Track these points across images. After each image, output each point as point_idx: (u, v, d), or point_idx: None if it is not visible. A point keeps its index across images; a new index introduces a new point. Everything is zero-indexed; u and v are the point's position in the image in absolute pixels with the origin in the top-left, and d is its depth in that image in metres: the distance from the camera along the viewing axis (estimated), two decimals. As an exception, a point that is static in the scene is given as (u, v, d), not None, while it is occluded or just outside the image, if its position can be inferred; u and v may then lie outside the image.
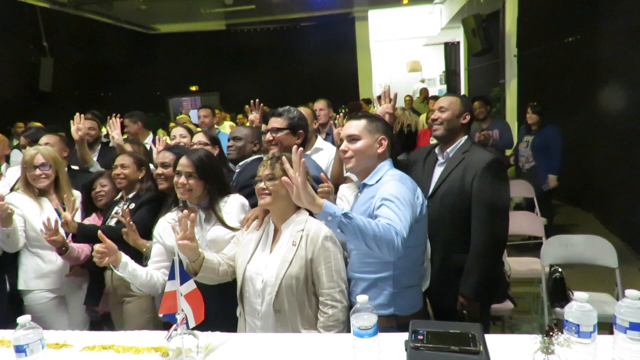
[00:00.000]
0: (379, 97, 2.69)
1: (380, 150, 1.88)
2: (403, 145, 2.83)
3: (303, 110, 2.76)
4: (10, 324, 1.82)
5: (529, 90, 6.95)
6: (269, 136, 2.33)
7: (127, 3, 8.74)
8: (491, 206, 2.02)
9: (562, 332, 1.20)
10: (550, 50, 6.34)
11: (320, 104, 4.06)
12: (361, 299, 1.26)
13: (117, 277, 2.41)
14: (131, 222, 2.20)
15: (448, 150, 2.21)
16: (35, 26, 7.96)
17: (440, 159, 2.25)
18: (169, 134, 6.19)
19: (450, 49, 13.55)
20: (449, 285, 2.11)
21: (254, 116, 3.04)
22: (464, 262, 2.09)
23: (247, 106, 3.17)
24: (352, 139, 1.87)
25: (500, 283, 2.35)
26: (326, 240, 1.79)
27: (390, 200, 1.66)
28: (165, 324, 2.47)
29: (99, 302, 2.65)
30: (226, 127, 6.78)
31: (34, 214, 2.52)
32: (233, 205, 2.13)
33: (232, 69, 10.84)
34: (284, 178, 1.50)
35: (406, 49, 14.18)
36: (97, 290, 2.62)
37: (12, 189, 2.78)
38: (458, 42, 12.84)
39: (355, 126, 1.88)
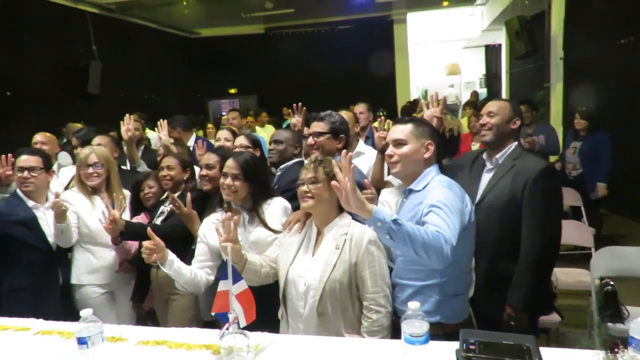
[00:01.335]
0: (416, 100, 2.66)
1: (426, 155, 1.86)
2: (445, 149, 2.79)
3: (344, 114, 2.76)
4: (63, 316, 1.91)
5: (576, 94, 6.70)
6: (310, 140, 2.35)
7: (171, 8, 9.00)
8: (543, 216, 1.96)
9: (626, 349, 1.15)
10: (601, 52, 6.09)
11: (360, 107, 4.06)
12: (413, 305, 1.25)
13: (163, 275, 2.49)
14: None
15: (497, 156, 2.15)
16: (85, 31, 8.32)
17: (489, 165, 2.20)
18: (206, 135, 6.36)
19: (491, 52, 13.22)
20: (495, 295, 2.05)
21: (296, 119, 3.07)
22: (511, 272, 2.03)
23: (284, 109, 3.21)
24: (398, 143, 1.86)
25: (547, 294, 2.28)
26: (370, 244, 1.78)
27: (439, 207, 1.64)
28: (207, 322, 2.54)
29: (145, 298, 2.74)
30: (268, 130, 6.89)
31: (87, 211, 2.63)
32: (276, 208, 2.16)
33: (270, 72, 10.97)
34: (334, 182, 1.51)
35: (445, 52, 13.96)
36: (144, 287, 2.71)
37: (66, 188, 2.91)
38: (500, 45, 12.52)
39: (402, 130, 1.87)
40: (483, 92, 13.52)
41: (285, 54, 10.92)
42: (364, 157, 2.97)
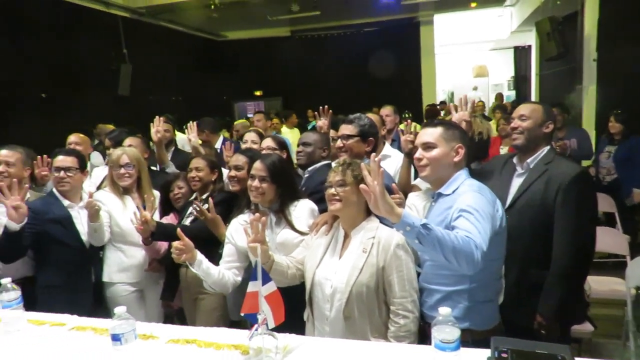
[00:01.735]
0: (443, 102, 2.63)
1: (456, 159, 1.83)
2: (474, 153, 2.75)
3: (370, 116, 2.76)
4: (95, 313, 1.96)
5: (610, 96, 6.48)
6: (339, 143, 2.35)
7: (199, 11, 9.16)
8: (577, 222, 1.91)
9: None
10: (636, 53, 5.89)
11: (386, 110, 4.04)
12: (444, 311, 1.23)
13: (191, 275, 2.52)
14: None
15: (529, 160, 2.11)
16: (116, 34, 8.56)
17: (519, 170, 2.16)
18: (231, 136, 6.44)
19: (521, 53, 12.96)
20: (524, 302, 2.01)
21: (322, 122, 3.07)
22: (542, 279, 1.99)
23: (309, 111, 3.23)
24: (428, 146, 1.84)
25: (579, 303, 2.21)
26: (398, 248, 1.77)
27: (469, 211, 1.62)
28: (234, 322, 2.57)
29: (174, 297, 2.79)
30: (293, 132, 6.94)
31: (119, 211, 2.69)
32: (303, 210, 2.16)
33: (295, 74, 11.03)
34: (362, 186, 1.51)
35: (472, 54, 13.77)
36: (173, 287, 2.75)
37: (98, 188, 2.99)
38: (529, 46, 12.26)
39: (431, 134, 1.85)
40: (511, 94, 13.27)
41: (310, 57, 10.97)
42: (390, 160, 2.96)
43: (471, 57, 13.95)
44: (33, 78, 6.65)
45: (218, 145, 4.62)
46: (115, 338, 1.32)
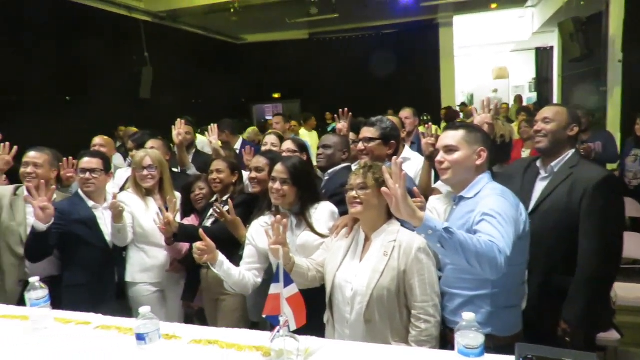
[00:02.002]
0: (462, 105, 2.60)
1: (479, 162, 1.82)
2: (496, 156, 2.71)
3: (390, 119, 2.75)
4: (117, 312, 1.99)
5: (635, 98, 6.32)
6: (360, 145, 2.35)
7: (219, 15, 9.26)
8: (604, 228, 1.87)
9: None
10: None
11: (406, 113, 4.03)
12: (467, 316, 1.22)
13: (212, 276, 2.56)
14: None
15: (553, 164, 2.07)
16: (138, 38, 8.72)
17: (543, 173, 2.12)
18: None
19: (542, 55, 12.73)
20: (548, 308, 1.97)
21: (342, 125, 3.08)
22: (567, 285, 1.95)
23: (328, 113, 3.23)
24: (449, 149, 1.83)
25: (605, 310, 2.17)
26: (420, 252, 1.76)
27: (492, 215, 1.60)
28: (253, 323, 2.59)
29: (195, 298, 2.82)
30: (312, 135, 6.96)
31: (141, 212, 2.73)
32: (323, 213, 2.17)
33: (313, 77, 11.06)
34: (384, 189, 1.50)
35: (492, 55, 13.59)
36: (194, 287, 2.79)
37: (121, 189, 3.04)
38: (551, 47, 12.04)
39: (453, 137, 1.83)
40: (532, 96, 13.05)
41: (329, 59, 11.00)
42: (410, 163, 2.94)
43: (491, 59, 13.77)
44: (57, 81, 6.83)
45: (237, 146, 4.68)
46: (140, 337, 1.34)
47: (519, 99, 10.49)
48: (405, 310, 1.77)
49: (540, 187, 2.10)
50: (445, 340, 1.78)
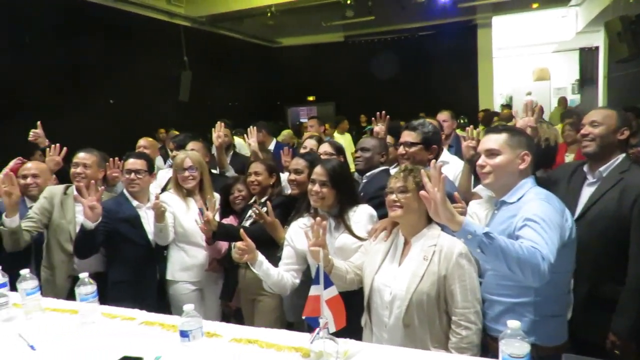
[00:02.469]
0: (506, 106, 2.54)
1: (522, 166, 1.77)
2: (540, 160, 2.63)
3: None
4: (158, 309, 2.05)
5: (689, 100, 6.01)
6: (401, 150, 2.32)
7: (256, 19, 9.42)
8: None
9: None
10: None
11: (443, 115, 3.97)
12: (512, 324, 1.19)
13: (250, 276, 2.60)
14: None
15: (601, 169, 1.99)
16: (178, 43, 8.98)
17: (590, 179, 2.04)
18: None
19: (587, 55, 12.24)
20: (596, 319, 1.90)
21: (379, 128, 3.06)
22: (616, 295, 1.87)
23: (362, 116, 3.23)
24: (492, 153, 1.79)
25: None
26: (461, 257, 1.73)
27: (535, 221, 1.56)
28: (290, 324, 2.61)
29: (232, 297, 2.87)
30: (346, 137, 6.96)
31: (182, 213, 2.81)
32: (362, 215, 2.17)
33: (348, 79, 11.07)
34: (422, 192, 1.49)
35: (533, 56, 13.18)
36: (232, 287, 2.84)
37: (163, 189, 3.14)
38: (596, 48, 11.56)
39: (495, 140, 1.80)
40: (575, 98, 12.58)
41: (364, 62, 10.98)
42: (449, 167, 2.89)
43: (531, 60, 13.35)
44: (104, 86, 7.13)
45: (271, 147, 4.75)
46: (184, 334, 1.38)
47: (563, 101, 10.10)
48: (445, 316, 1.75)
49: (587, 192, 2.03)
50: (485, 349, 1.74)
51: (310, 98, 12.52)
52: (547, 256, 1.44)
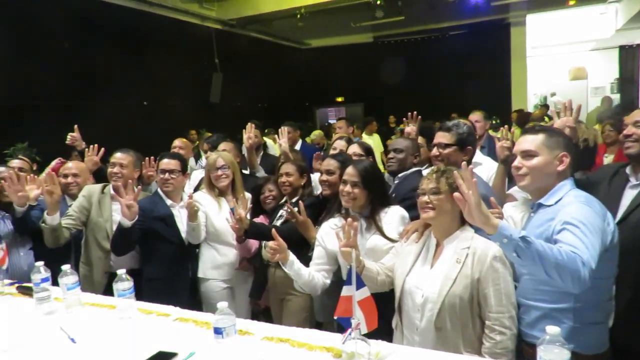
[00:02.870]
0: (544, 106, 2.46)
1: (560, 167, 1.72)
2: (578, 162, 2.55)
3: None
4: (189, 306, 2.09)
5: None
6: (435, 151, 2.28)
7: (286, 21, 9.50)
8: None
9: None
10: None
11: (476, 116, 3.90)
12: (552, 330, 1.16)
13: (279, 275, 2.63)
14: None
15: (645, 171, 1.91)
16: (209, 45, 9.15)
17: (633, 181, 1.96)
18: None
19: (627, 53, 11.78)
20: (638, 326, 1.82)
21: (410, 128, 3.04)
22: (661, 303, 1.79)
23: (391, 117, 3.20)
24: (528, 155, 1.75)
25: None
26: (495, 260, 1.69)
27: (575, 225, 1.51)
28: (319, 324, 2.61)
29: (262, 296, 2.90)
30: (374, 138, 6.92)
31: (214, 212, 2.85)
32: (393, 217, 2.15)
33: (377, 80, 11.02)
34: (456, 194, 1.47)
35: (569, 55, 12.76)
36: (261, 286, 2.86)
37: (195, 189, 3.20)
38: (637, 45, 11.13)
39: (532, 141, 1.75)
40: (615, 98, 12.11)
41: (393, 62, 10.90)
42: (481, 168, 2.84)
43: (567, 59, 12.93)
44: (137, 88, 7.35)
45: (297, 147, 4.79)
46: (218, 331, 1.40)
47: (607, 100, 9.65)
48: (479, 320, 1.71)
49: (629, 195, 1.94)
50: (520, 355, 1.70)
51: (339, 99, 12.53)
52: (588, 261, 1.40)
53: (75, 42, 6.42)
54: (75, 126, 3.40)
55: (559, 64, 12.92)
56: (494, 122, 6.08)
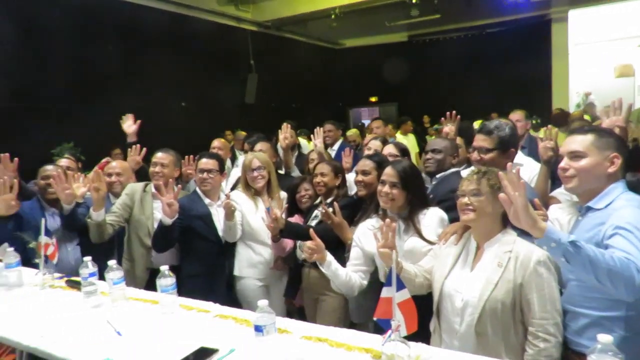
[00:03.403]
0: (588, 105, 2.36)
1: (611, 169, 1.65)
2: (628, 162, 2.44)
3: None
4: (226, 303, 2.12)
5: None
6: (475, 156, 2.19)
7: (320, 22, 9.53)
8: None
9: None
10: None
11: (517, 115, 3.79)
12: (604, 338, 1.11)
13: (314, 275, 2.64)
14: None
15: (703, 173, 1.81)
16: (245, 47, 9.29)
17: (689, 183, 1.86)
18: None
19: (678, 49, 11.17)
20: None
21: (449, 128, 2.98)
22: None
23: (425, 117, 3.14)
24: (576, 155, 1.68)
25: None
26: (539, 265, 1.64)
27: (628, 229, 1.44)
28: (353, 324, 2.60)
29: (296, 295, 2.92)
30: (409, 138, 6.84)
31: (250, 211, 2.89)
32: (432, 218, 2.12)
33: (412, 79, 10.89)
34: (502, 195, 1.43)
35: (615, 51, 12.21)
36: (295, 285, 2.89)
37: (232, 189, 3.25)
38: (689, 40, 10.53)
39: (581, 142, 1.68)
40: (663, 96, 11.50)
41: (428, 61, 10.75)
42: (523, 169, 2.72)
43: (613, 56, 12.38)
44: (176, 91, 7.56)
45: (335, 147, 4.79)
46: (258, 329, 1.42)
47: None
48: (521, 327, 1.66)
49: (685, 199, 1.84)
50: (565, 364, 1.64)
51: (373, 99, 12.45)
52: None
53: (120, 45, 6.68)
54: (131, 116, 3.50)
55: (603, 61, 12.38)
56: (534, 121, 5.89)
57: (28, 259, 2.39)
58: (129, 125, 3.48)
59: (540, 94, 9.81)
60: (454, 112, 3.01)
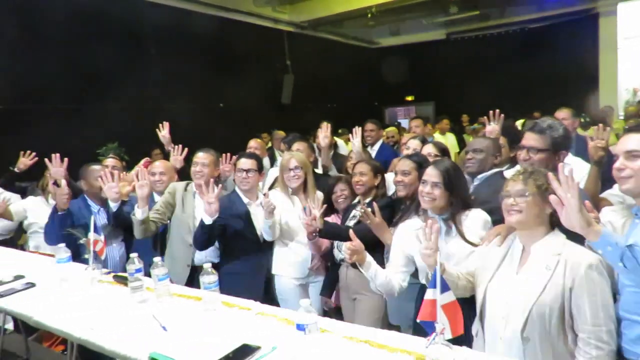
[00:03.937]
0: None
1: (671, 170, 1.55)
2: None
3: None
4: (264, 301, 2.14)
5: None
6: (524, 155, 2.10)
7: (356, 21, 9.50)
8: None
9: None
10: None
11: (563, 113, 3.64)
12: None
13: (351, 275, 2.63)
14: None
15: None
16: (281, 48, 9.37)
17: None
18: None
19: None
20: None
21: (492, 127, 2.90)
22: None
23: (464, 116, 3.06)
24: (633, 155, 1.59)
25: None
26: (591, 269, 1.56)
27: None
28: (391, 326, 2.57)
29: (332, 295, 2.91)
30: (450, 138, 6.72)
31: (288, 211, 2.91)
32: (475, 220, 2.06)
33: (449, 78, 10.68)
34: (553, 197, 1.38)
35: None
36: (332, 284, 2.88)
37: (270, 188, 3.28)
38: None
39: (639, 140, 1.60)
40: None
41: (467, 59, 10.51)
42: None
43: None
44: (216, 90, 7.71)
45: (376, 147, 4.76)
46: (300, 327, 1.42)
47: None
48: (571, 333, 1.59)
49: None
50: (619, 373, 1.56)
51: (409, 98, 12.30)
52: None
53: (160, 49, 6.88)
54: (167, 124, 3.64)
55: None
56: (582, 120, 5.66)
57: (78, 255, 2.50)
58: (164, 135, 3.64)
59: (587, 91, 9.41)
60: (497, 110, 2.92)
